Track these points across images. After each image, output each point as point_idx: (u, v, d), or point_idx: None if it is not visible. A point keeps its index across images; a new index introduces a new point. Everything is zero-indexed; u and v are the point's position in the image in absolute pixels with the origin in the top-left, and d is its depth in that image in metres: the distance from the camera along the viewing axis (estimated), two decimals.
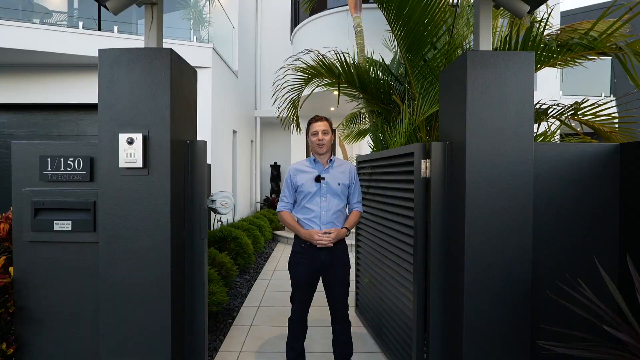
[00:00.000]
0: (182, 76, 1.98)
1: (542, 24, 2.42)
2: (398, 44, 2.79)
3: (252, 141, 9.56)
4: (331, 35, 6.20)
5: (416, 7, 2.48)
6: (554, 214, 1.96)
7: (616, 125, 3.02)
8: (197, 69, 2.28)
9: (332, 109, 8.51)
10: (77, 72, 5.76)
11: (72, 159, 2.04)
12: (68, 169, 2.04)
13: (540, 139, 2.94)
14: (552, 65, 2.60)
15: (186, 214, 2.02)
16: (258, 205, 9.86)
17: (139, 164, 1.77)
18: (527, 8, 2.09)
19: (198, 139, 2.16)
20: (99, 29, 5.47)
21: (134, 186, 1.81)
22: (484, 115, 1.80)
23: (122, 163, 1.78)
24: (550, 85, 8.71)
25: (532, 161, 1.82)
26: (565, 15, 11.68)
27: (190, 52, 5.54)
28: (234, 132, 7.63)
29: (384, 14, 2.75)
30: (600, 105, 2.65)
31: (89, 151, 2.03)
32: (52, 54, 5.21)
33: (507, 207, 1.81)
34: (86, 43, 5.15)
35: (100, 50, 1.81)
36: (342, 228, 2.17)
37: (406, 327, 2.27)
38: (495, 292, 1.81)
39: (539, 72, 6.28)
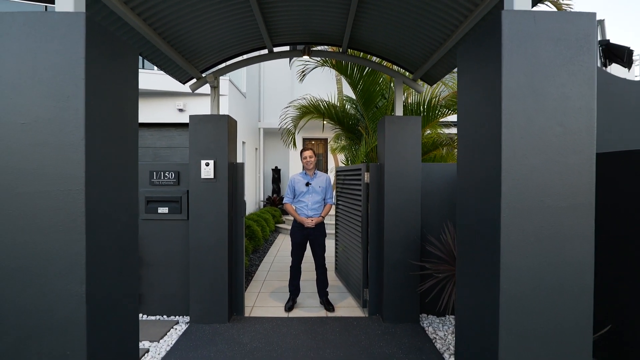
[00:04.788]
0: (232, 127, 3.56)
1: (440, 93, 4.03)
2: (357, 100, 4.38)
3: (256, 149, 11.14)
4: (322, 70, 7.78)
5: (366, 82, 4.08)
6: (439, 202, 3.54)
7: None
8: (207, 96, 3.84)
9: (326, 120, 10.09)
10: None
11: (167, 172, 3.60)
12: (165, 178, 3.61)
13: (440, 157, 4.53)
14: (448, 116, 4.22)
15: (234, 204, 3.59)
16: (262, 204, 11.43)
17: (212, 176, 3.34)
18: (424, 88, 3.68)
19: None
20: (143, 67, 7.03)
21: (208, 189, 3.38)
22: (394, 149, 3.39)
23: (203, 176, 3.35)
24: None
25: (420, 175, 3.40)
26: None
27: None
28: (243, 143, 9.21)
29: (347, 82, 4.33)
30: None
31: (176, 168, 3.60)
32: None
33: (406, 199, 3.39)
34: None
35: (190, 116, 3.39)
36: (319, 217, 3.74)
37: (359, 269, 3.84)
38: (400, 244, 3.39)
39: None
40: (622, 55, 13.08)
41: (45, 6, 6.45)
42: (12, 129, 1.27)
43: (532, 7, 1.54)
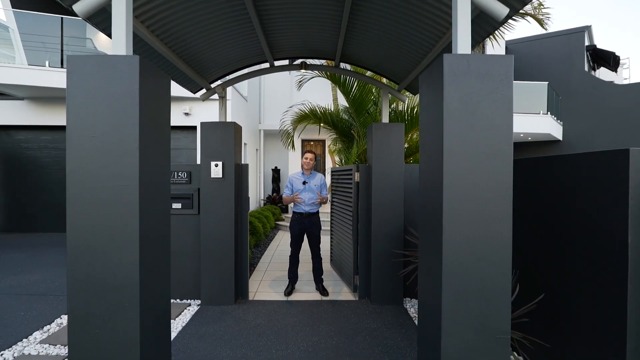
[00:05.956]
0: (237, 132, 4.02)
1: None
2: (349, 107, 4.85)
3: (257, 150, 11.60)
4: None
5: (357, 93, 4.55)
6: (420, 197, 4.00)
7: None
8: (215, 101, 4.28)
9: (322, 124, 10.55)
10: None
11: (180, 172, 4.07)
12: (178, 177, 4.07)
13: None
14: None
15: (239, 200, 4.06)
16: (262, 202, 11.89)
17: (220, 175, 3.81)
18: (407, 99, 4.15)
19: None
20: None
21: (217, 186, 3.84)
22: (380, 152, 3.86)
23: (212, 175, 3.81)
24: None
25: (403, 175, 3.87)
26: (512, 44, 13.78)
27: None
28: (245, 144, 9.67)
29: (341, 91, 4.80)
30: None
31: (188, 168, 4.06)
32: None
33: (391, 196, 3.86)
34: None
35: (201, 123, 3.85)
36: (316, 200, 4.19)
37: (349, 260, 4.31)
38: (386, 236, 3.86)
39: None
40: (608, 60, 13.63)
41: (62, 18, 6.91)
42: (85, 141, 1.74)
43: (472, 49, 2.02)
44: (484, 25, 2.36)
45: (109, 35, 2.37)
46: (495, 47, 8.13)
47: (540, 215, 2.52)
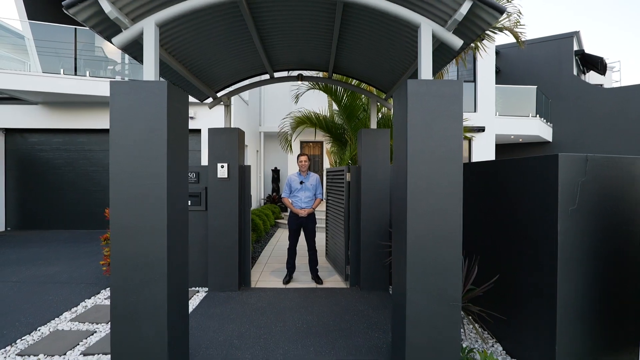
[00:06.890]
0: (241, 137, 4.48)
1: None
2: (341, 114, 5.32)
3: (257, 151, 12.07)
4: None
5: (347, 101, 5.01)
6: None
7: None
8: (220, 106, 4.75)
9: (317, 128, 11.00)
10: None
11: (190, 173, 4.53)
12: (189, 177, 4.51)
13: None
14: None
15: (242, 198, 4.52)
16: (262, 202, 12.36)
17: (226, 176, 4.27)
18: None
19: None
20: None
21: (223, 185, 4.30)
22: (368, 154, 4.32)
23: (219, 175, 4.28)
24: (488, 108, 11.25)
25: (389, 175, 4.33)
26: (503, 48, 14.24)
27: None
28: (246, 146, 10.13)
29: (333, 100, 5.26)
30: None
31: (197, 169, 4.53)
32: None
33: (378, 195, 4.32)
34: None
35: (209, 129, 4.32)
36: (310, 208, 4.66)
37: (342, 252, 4.77)
38: (373, 229, 4.32)
39: (479, 98, 9.39)
40: (596, 64, 14.10)
41: (75, 28, 7.38)
42: (125, 147, 2.20)
43: (434, 75, 2.48)
44: (449, 49, 2.81)
45: (137, 60, 2.84)
46: (483, 54, 8.58)
47: (495, 209, 2.98)
